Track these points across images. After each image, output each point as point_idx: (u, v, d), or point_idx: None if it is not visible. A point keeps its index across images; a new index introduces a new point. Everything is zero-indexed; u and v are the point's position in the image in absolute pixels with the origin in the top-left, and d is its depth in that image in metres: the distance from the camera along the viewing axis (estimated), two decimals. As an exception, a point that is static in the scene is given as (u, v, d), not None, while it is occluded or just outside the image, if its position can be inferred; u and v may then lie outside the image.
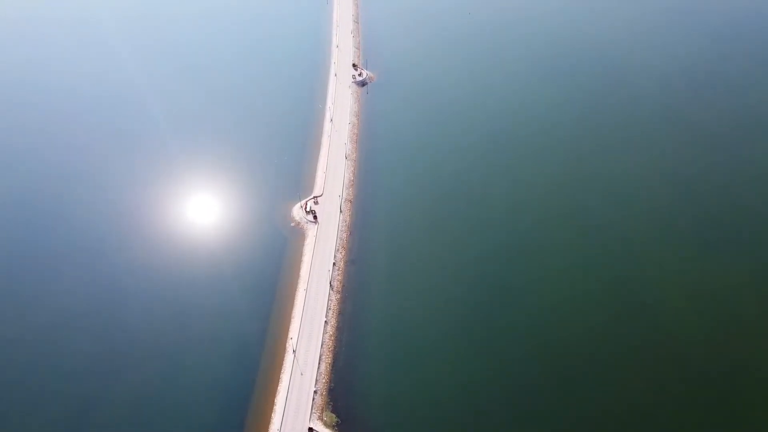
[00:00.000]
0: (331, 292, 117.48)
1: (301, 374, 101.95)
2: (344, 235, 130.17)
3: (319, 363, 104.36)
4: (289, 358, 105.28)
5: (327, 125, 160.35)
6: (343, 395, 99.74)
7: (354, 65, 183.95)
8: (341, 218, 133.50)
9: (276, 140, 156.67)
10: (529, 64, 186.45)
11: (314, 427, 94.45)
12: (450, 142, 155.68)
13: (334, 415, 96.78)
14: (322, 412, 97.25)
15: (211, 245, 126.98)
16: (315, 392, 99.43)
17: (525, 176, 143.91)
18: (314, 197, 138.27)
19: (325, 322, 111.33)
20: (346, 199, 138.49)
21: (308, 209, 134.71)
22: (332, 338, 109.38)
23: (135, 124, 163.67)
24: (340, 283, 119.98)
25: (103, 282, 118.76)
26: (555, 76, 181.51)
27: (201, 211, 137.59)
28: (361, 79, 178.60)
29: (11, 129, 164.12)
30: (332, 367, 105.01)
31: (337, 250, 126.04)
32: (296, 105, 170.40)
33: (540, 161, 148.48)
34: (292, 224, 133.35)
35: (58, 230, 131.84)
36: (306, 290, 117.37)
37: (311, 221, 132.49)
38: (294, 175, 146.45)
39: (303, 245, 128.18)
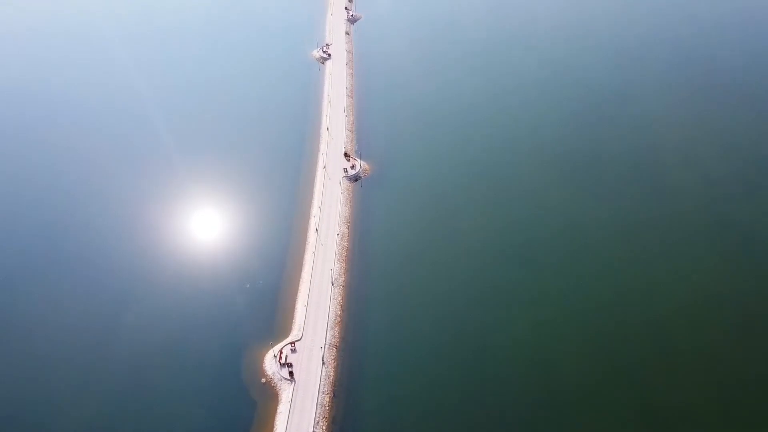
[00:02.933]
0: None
1: None
2: (327, 399, 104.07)
3: None
4: None
5: (312, 237, 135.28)
6: None
7: (346, 154, 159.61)
8: (324, 373, 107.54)
9: (250, 257, 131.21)
10: (548, 153, 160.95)
11: None
12: (460, 257, 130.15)
13: None
14: None
15: (156, 420, 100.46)
16: None
17: (550, 310, 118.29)
18: (291, 342, 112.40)
19: None
20: (330, 345, 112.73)
21: (284, 360, 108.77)
22: None
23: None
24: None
25: None
26: (576, 164, 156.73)
27: (150, 359, 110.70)
28: (353, 172, 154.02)
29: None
30: None
31: (316, 423, 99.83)
32: (277, 207, 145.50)
33: (570, 282, 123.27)
34: (263, 380, 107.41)
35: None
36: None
37: (286, 378, 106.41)
38: (268, 307, 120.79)
39: (275, 414, 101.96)
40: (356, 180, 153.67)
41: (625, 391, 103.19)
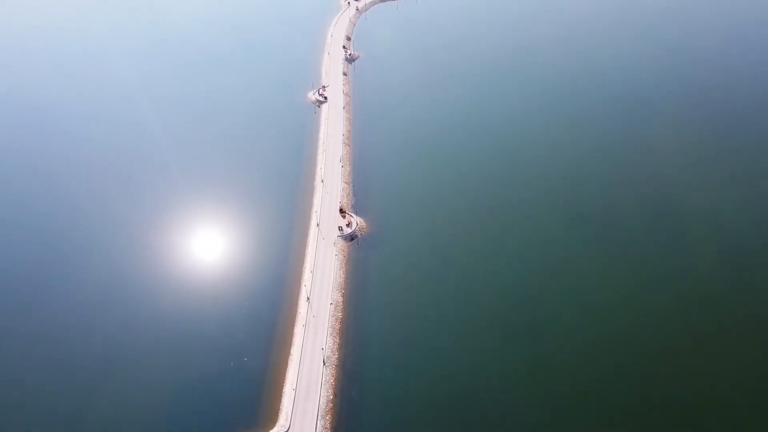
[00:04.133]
0: None
1: None
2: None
3: None
4: None
5: (302, 307, 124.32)
6: None
7: (341, 210, 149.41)
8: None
9: (236, 329, 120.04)
10: (559, 212, 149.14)
11: None
12: (465, 331, 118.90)
13: None
14: None
15: None
16: None
17: (562, 386, 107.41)
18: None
19: None
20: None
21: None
22: None
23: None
24: None
25: None
26: (588, 225, 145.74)
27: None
28: (349, 231, 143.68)
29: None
30: None
31: None
32: (266, 271, 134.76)
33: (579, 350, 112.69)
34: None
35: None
36: None
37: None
38: (253, 390, 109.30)
39: None
40: (352, 239, 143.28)
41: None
